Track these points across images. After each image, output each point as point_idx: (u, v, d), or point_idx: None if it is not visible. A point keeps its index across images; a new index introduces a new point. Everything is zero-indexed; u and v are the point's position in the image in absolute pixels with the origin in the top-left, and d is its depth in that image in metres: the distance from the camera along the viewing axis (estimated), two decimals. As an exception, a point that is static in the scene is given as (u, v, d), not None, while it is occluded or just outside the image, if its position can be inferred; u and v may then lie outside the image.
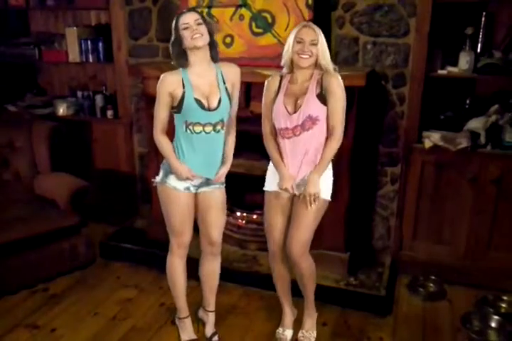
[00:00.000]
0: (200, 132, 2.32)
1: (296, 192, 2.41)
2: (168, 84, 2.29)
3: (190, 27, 2.21)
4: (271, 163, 2.50)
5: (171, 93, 2.28)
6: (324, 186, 2.40)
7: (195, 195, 2.48)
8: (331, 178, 2.47)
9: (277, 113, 2.35)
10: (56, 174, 3.59)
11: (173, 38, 2.28)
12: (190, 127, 2.31)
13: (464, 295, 3.13)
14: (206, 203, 2.50)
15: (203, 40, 2.23)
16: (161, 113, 2.35)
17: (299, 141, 2.33)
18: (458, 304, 3.05)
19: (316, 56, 2.27)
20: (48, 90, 4.37)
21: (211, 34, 2.28)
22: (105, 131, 4.01)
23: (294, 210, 2.45)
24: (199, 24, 2.23)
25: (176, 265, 2.60)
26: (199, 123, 2.31)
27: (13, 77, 4.30)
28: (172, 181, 2.41)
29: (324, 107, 2.29)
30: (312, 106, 2.28)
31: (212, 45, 2.31)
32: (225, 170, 2.47)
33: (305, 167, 2.38)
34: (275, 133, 2.42)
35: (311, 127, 2.30)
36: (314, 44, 2.25)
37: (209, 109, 2.30)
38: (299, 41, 2.26)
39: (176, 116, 2.36)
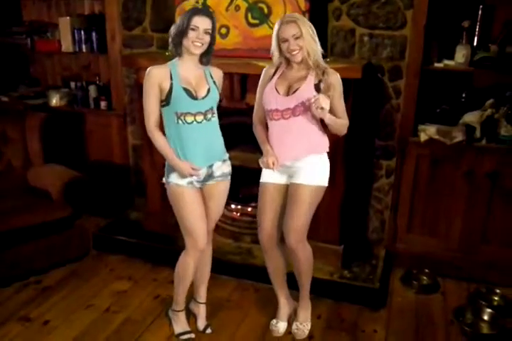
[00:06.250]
0: (192, 122, 2.30)
1: (284, 181, 2.44)
2: (157, 76, 2.27)
3: (198, 31, 2.20)
4: None
5: (159, 85, 2.27)
6: (320, 172, 2.43)
7: (201, 189, 2.45)
8: (328, 164, 2.47)
9: (268, 94, 2.38)
10: (49, 165, 3.56)
11: (179, 27, 2.23)
12: (182, 118, 2.29)
13: (457, 288, 3.15)
14: (208, 194, 2.48)
15: (201, 49, 2.26)
16: (151, 104, 2.30)
17: (288, 124, 2.35)
18: (451, 297, 3.07)
19: (306, 47, 2.26)
20: (41, 80, 4.32)
21: (212, 43, 2.29)
22: (99, 123, 3.97)
23: (289, 199, 2.46)
24: (206, 33, 2.23)
25: (189, 266, 2.51)
26: (190, 113, 2.29)
27: (5, 66, 4.24)
28: (173, 179, 2.37)
29: None
30: (307, 94, 2.29)
31: (207, 51, 2.30)
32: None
33: (291, 151, 2.39)
34: (264, 118, 2.44)
35: (301, 113, 2.33)
36: (298, 37, 2.23)
37: (197, 98, 2.30)
38: (283, 41, 2.25)
39: (165, 110, 2.33)
